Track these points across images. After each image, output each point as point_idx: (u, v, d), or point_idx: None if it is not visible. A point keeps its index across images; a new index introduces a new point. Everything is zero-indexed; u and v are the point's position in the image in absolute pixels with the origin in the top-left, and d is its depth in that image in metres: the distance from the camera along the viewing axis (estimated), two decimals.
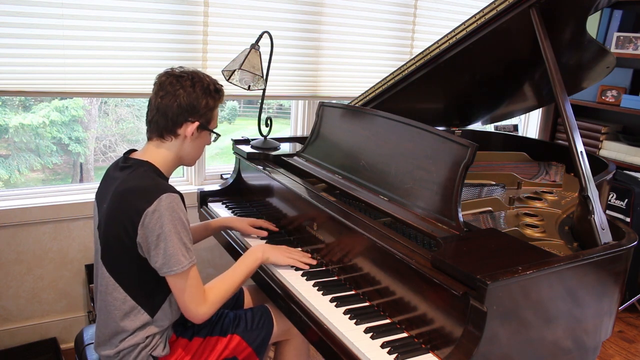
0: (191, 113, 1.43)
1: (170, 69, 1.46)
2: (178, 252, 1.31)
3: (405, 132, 1.64)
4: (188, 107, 1.42)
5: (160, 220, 1.29)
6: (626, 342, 2.86)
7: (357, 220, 1.51)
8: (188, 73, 1.45)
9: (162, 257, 1.31)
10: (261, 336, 1.60)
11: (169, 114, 1.41)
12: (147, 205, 1.29)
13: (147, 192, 1.32)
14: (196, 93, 1.42)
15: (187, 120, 1.43)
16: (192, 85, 1.42)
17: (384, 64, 3.03)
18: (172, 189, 1.34)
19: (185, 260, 1.32)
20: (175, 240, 1.31)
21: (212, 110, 1.48)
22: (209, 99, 1.45)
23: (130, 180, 1.37)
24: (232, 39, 2.52)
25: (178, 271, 1.32)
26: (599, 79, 2.27)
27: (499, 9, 1.68)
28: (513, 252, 1.27)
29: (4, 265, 2.29)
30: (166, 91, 1.41)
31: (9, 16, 2.05)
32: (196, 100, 1.42)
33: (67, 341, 2.45)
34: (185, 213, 1.35)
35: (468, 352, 1.08)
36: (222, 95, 1.51)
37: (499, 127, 3.68)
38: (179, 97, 1.41)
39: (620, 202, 3.12)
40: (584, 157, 1.47)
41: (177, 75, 1.44)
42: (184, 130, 1.44)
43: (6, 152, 3.88)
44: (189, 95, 1.42)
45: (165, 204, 1.30)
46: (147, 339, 1.41)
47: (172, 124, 1.43)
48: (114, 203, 1.36)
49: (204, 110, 1.45)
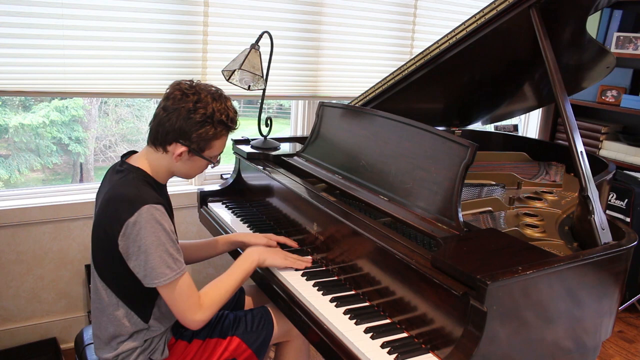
0: (181, 137, 1.36)
1: (183, 81, 1.39)
2: (161, 264, 1.28)
3: (405, 132, 1.64)
4: (179, 130, 1.35)
5: (141, 233, 1.27)
6: (626, 342, 2.86)
7: (357, 220, 1.50)
8: (196, 93, 1.36)
9: (143, 269, 1.29)
10: (261, 337, 1.59)
11: (161, 130, 1.37)
12: (128, 216, 1.27)
13: (129, 202, 1.29)
14: (192, 119, 1.34)
15: (177, 141, 1.37)
16: (192, 110, 1.34)
17: (384, 64, 3.03)
18: (154, 200, 1.30)
19: (171, 272, 1.30)
20: (158, 252, 1.28)
21: (210, 140, 1.39)
22: (209, 128, 1.36)
23: (118, 186, 1.35)
24: (232, 39, 2.52)
25: (162, 283, 1.30)
26: (599, 79, 2.27)
27: (499, 9, 1.68)
28: (513, 252, 1.27)
29: (4, 265, 2.29)
30: (168, 105, 1.36)
31: (9, 16, 2.05)
32: (187, 127, 1.34)
33: (67, 341, 2.45)
34: (169, 223, 1.32)
35: (468, 352, 1.08)
36: (229, 126, 1.41)
37: (499, 127, 3.68)
38: (172, 118, 1.34)
39: (620, 202, 3.11)
40: (584, 157, 1.47)
41: (183, 91, 1.36)
42: (173, 150, 1.38)
43: (6, 152, 3.88)
44: (183, 120, 1.34)
45: (146, 216, 1.27)
46: (145, 342, 1.41)
47: (162, 140, 1.37)
48: (101, 209, 1.36)
49: (197, 138, 1.36)
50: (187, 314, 1.35)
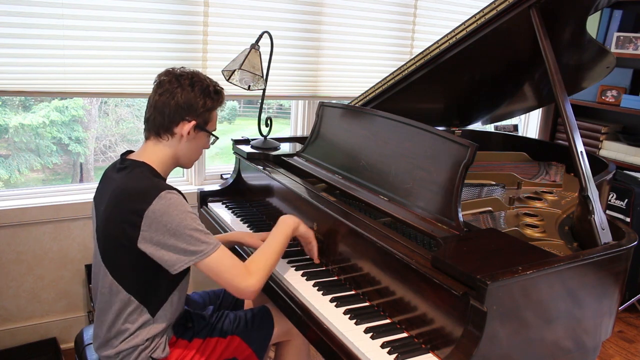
0: (188, 112, 1.42)
1: (172, 68, 1.46)
2: (195, 241, 1.29)
3: (405, 132, 1.64)
4: (185, 105, 1.41)
5: (164, 218, 1.28)
6: (626, 342, 2.86)
7: (357, 220, 1.51)
8: (188, 73, 1.45)
9: (175, 252, 1.29)
10: (261, 337, 1.60)
11: (166, 112, 1.41)
12: (147, 206, 1.28)
13: (144, 192, 1.30)
14: (194, 92, 1.42)
15: (183, 119, 1.42)
16: (190, 85, 1.42)
17: (384, 64, 3.03)
18: (170, 187, 1.33)
19: (208, 246, 1.31)
20: (187, 231, 1.29)
21: (210, 112, 1.47)
22: (207, 100, 1.45)
23: (127, 181, 1.36)
24: (232, 39, 2.52)
25: (201, 258, 1.30)
26: (599, 79, 2.27)
27: (499, 9, 1.68)
28: (513, 252, 1.27)
29: (4, 265, 2.29)
30: (165, 89, 1.42)
31: (9, 16, 2.06)
32: (194, 99, 1.42)
33: (67, 341, 2.45)
34: (189, 205, 1.34)
35: (468, 352, 1.08)
36: (221, 97, 1.50)
37: (499, 127, 3.68)
38: (176, 95, 1.41)
39: (620, 202, 3.12)
40: (584, 157, 1.47)
41: (177, 74, 1.44)
42: (181, 129, 1.43)
43: (6, 152, 3.88)
44: (187, 94, 1.41)
45: (166, 201, 1.29)
46: (147, 340, 1.41)
47: (169, 122, 1.42)
48: (111, 205, 1.35)
49: (202, 110, 1.44)
50: (237, 282, 1.34)
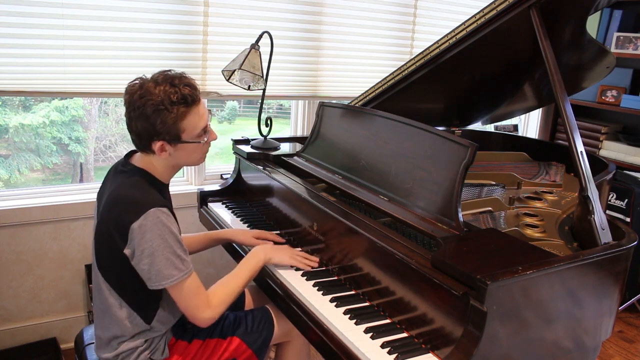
0: (151, 135, 1.34)
1: (130, 84, 1.35)
2: (169, 266, 1.29)
3: (405, 132, 1.64)
4: (144, 131, 1.33)
5: (146, 236, 1.27)
6: (626, 342, 2.86)
7: (357, 220, 1.51)
8: (140, 87, 1.32)
9: (148, 272, 1.30)
10: (262, 338, 1.60)
11: (134, 137, 1.38)
12: (134, 219, 1.27)
13: (135, 204, 1.30)
14: (146, 115, 1.31)
15: (151, 140, 1.35)
16: (141, 106, 1.30)
17: (384, 64, 3.03)
18: (159, 203, 1.31)
19: (178, 273, 1.31)
20: (164, 254, 1.29)
21: (176, 124, 1.33)
22: (165, 114, 1.30)
23: (122, 188, 1.36)
24: (232, 39, 2.52)
25: (170, 284, 1.31)
26: (599, 79, 2.27)
27: (499, 9, 1.68)
28: (513, 252, 1.27)
29: (4, 265, 2.29)
30: (127, 114, 1.35)
31: (9, 16, 2.05)
32: (149, 123, 1.31)
33: (67, 341, 2.45)
34: (175, 225, 1.34)
35: (468, 352, 1.08)
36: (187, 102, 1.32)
37: (499, 127, 3.68)
38: (134, 121, 1.33)
39: (620, 202, 3.11)
40: (584, 157, 1.47)
41: (129, 92, 1.33)
42: (155, 148, 1.36)
43: (6, 152, 3.88)
44: (142, 123, 1.32)
45: (152, 219, 1.28)
46: (146, 342, 1.41)
47: (143, 145, 1.37)
48: (106, 210, 1.35)
49: (162, 129, 1.32)
50: (196, 312, 1.36)
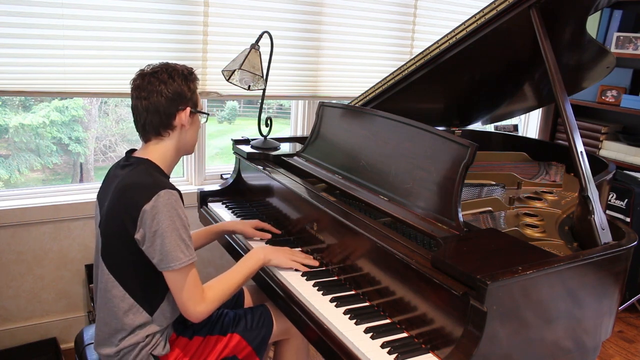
0: (180, 101, 1.45)
1: (141, 70, 1.47)
2: (176, 248, 1.32)
3: (405, 132, 1.64)
4: (175, 96, 1.43)
5: (157, 217, 1.30)
6: (626, 342, 2.86)
7: (357, 220, 1.51)
8: (160, 67, 1.46)
9: (159, 254, 1.32)
10: (261, 335, 1.60)
11: (161, 110, 1.43)
12: (146, 202, 1.30)
13: (145, 188, 1.33)
14: (177, 82, 1.44)
15: (178, 109, 1.45)
16: (170, 77, 1.44)
17: (384, 64, 3.03)
18: (170, 186, 1.35)
19: (185, 257, 1.33)
20: (172, 236, 1.31)
21: (195, 93, 1.51)
22: (190, 84, 1.48)
23: (130, 177, 1.38)
24: (232, 39, 2.52)
25: (176, 267, 1.32)
26: (599, 79, 2.27)
27: (499, 9, 1.68)
28: (513, 252, 1.27)
29: (4, 265, 2.29)
30: (148, 91, 1.42)
31: (9, 16, 2.05)
32: (179, 88, 1.44)
33: (67, 341, 2.45)
34: (184, 210, 1.36)
35: (468, 352, 1.08)
36: (196, 76, 1.53)
37: (499, 127, 3.68)
38: (163, 91, 1.42)
39: (620, 202, 3.11)
40: (584, 157, 1.47)
41: (151, 72, 1.45)
42: (179, 120, 1.45)
43: (6, 152, 3.88)
44: (172, 86, 1.43)
45: (163, 201, 1.31)
46: (147, 337, 1.42)
47: (167, 118, 1.44)
48: (114, 200, 1.37)
49: (189, 94, 1.47)
50: (190, 304, 1.37)
